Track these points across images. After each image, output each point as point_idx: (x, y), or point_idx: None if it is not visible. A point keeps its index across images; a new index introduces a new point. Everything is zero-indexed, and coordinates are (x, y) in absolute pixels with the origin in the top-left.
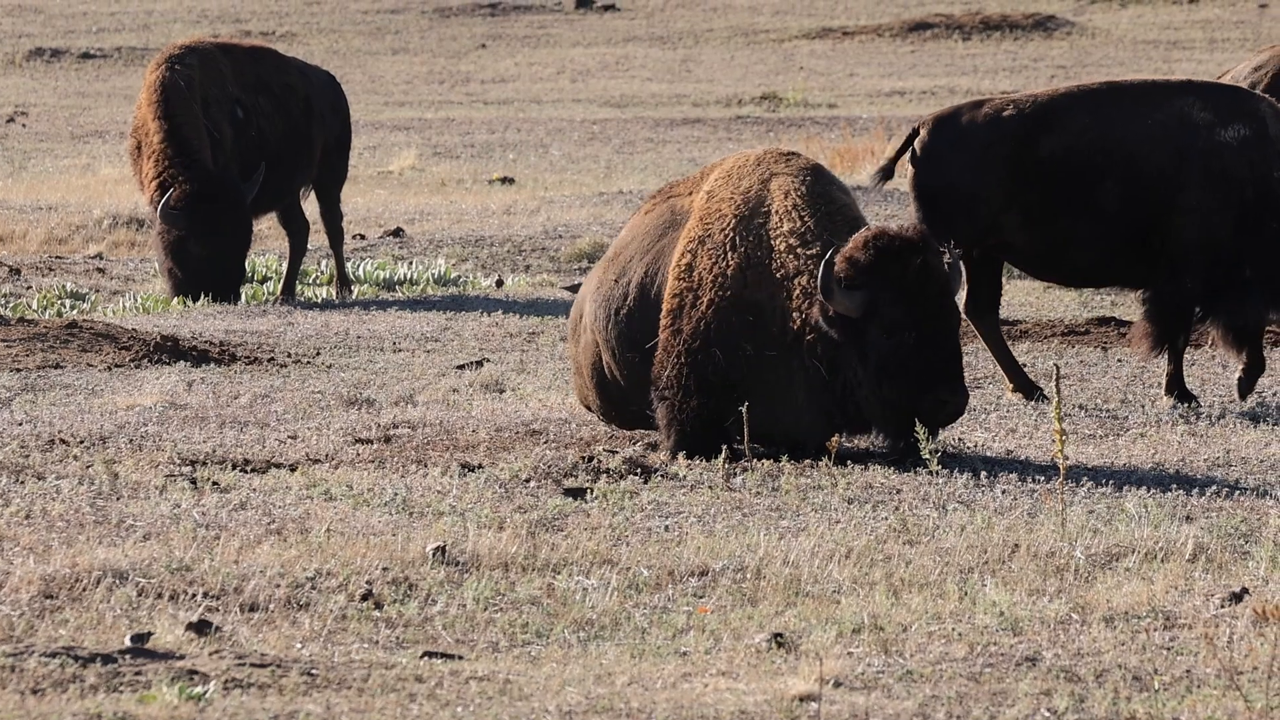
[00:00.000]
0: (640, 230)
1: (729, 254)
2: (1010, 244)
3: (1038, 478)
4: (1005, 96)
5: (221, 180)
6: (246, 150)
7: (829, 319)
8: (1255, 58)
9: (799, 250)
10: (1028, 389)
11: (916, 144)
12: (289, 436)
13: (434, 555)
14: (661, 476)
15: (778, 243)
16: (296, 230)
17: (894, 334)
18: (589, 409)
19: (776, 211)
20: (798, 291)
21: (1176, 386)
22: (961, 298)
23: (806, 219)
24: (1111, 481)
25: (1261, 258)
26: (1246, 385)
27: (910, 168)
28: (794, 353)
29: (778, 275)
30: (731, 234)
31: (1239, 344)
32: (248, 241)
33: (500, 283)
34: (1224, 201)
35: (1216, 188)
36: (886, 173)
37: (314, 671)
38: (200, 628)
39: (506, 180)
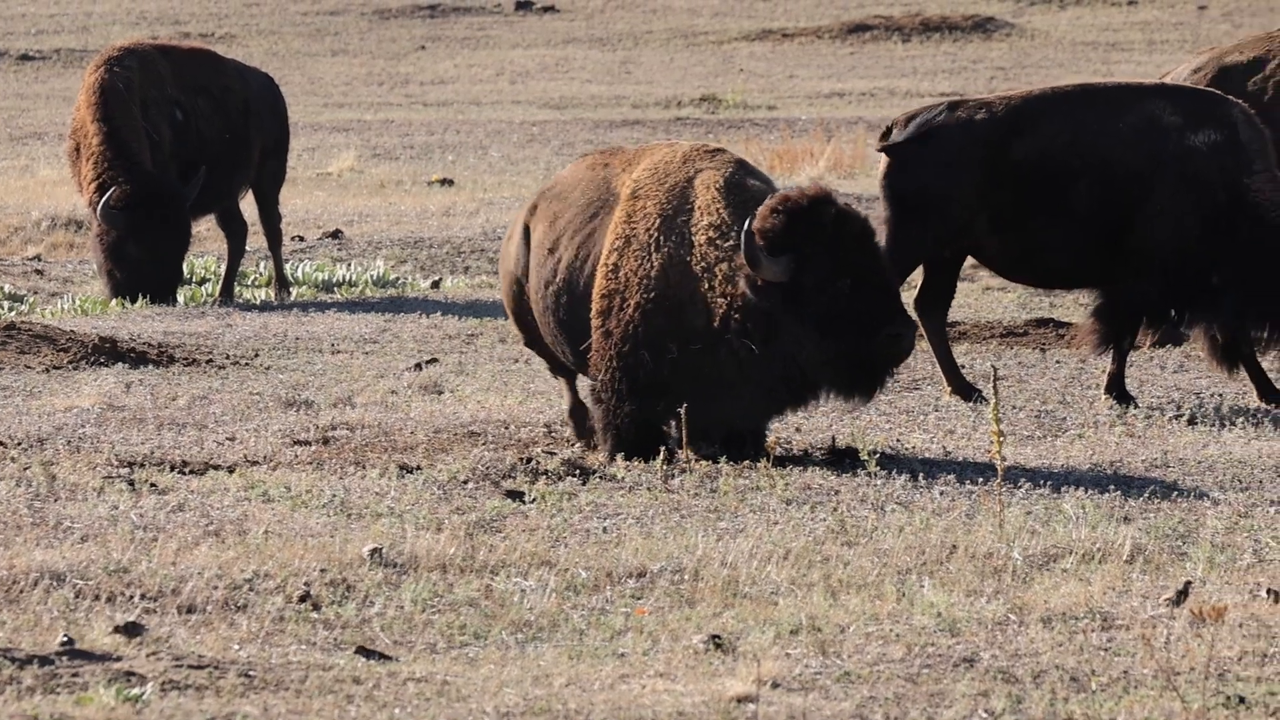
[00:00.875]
0: (578, 198)
1: (653, 255)
2: (982, 246)
3: (975, 479)
4: (979, 98)
5: (161, 182)
6: (185, 152)
7: (759, 290)
8: (1194, 60)
9: (718, 242)
10: (965, 390)
11: (891, 146)
12: (227, 438)
13: (371, 557)
14: (600, 478)
15: (698, 237)
16: (235, 231)
17: (828, 286)
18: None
19: (699, 208)
20: (719, 279)
21: (1117, 387)
22: (911, 296)
23: (723, 212)
24: (1049, 482)
25: (1230, 264)
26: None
27: (882, 168)
28: (722, 341)
29: (698, 269)
30: (656, 234)
31: (1226, 361)
32: (186, 243)
33: (437, 284)
34: (1193, 206)
35: (1186, 192)
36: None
37: (251, 673)
38: (135, 629)
39: (446, 182)
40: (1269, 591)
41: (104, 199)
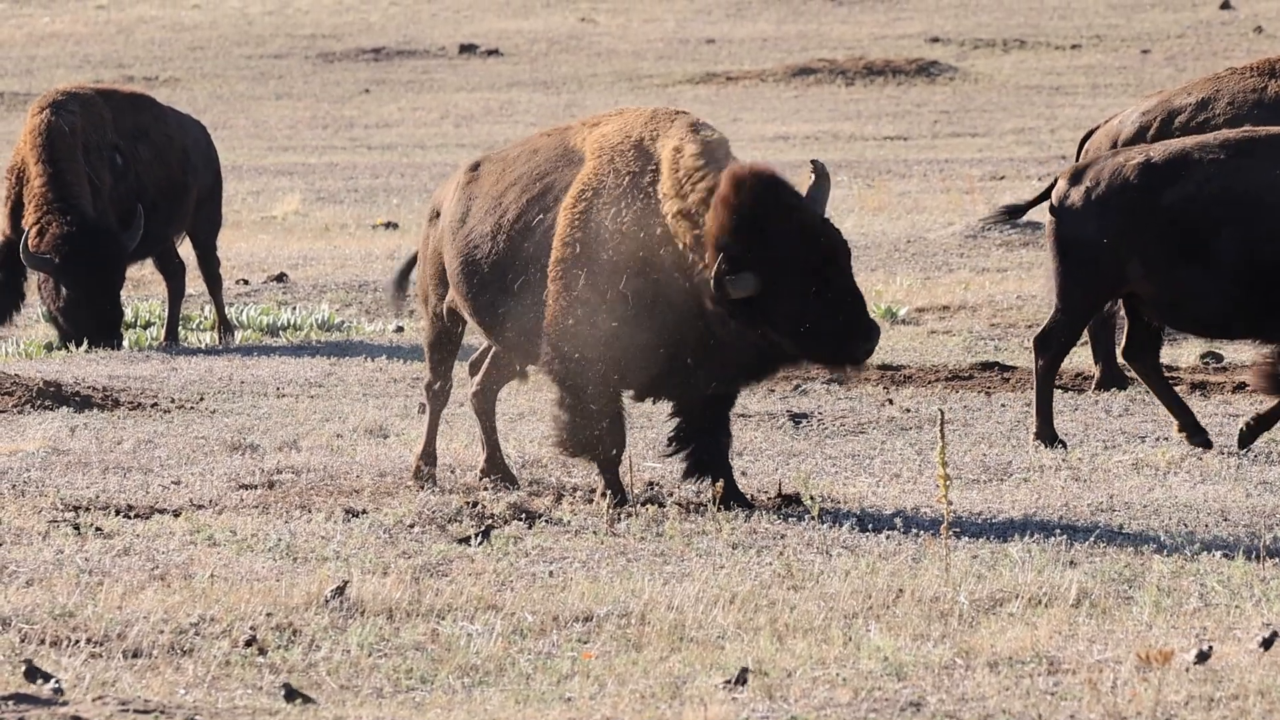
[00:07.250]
0: (529, 157)
1: (624, 209)
2: (1138, 293)
3: (922, 523)
4: (1143, 146)
5: (99, 225)
6: (124, 197)
7: (729, 304)
8: (1143, 103)
9: (686, 187)
10: (1194, 429)
11: (1054, 195)
12: (172, 482)
13: (334, 595)
14: (546, 521)
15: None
16: (173, 273)
17: (796, 298)
18: (425, 300)
19: (671, 160)
20: (689, 240)
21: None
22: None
23: (697, 160)
24: (995, 527)
25: None
26: None
27: (1050, 218)
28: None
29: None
30: (624, 190)
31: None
32: (118, 284)
33: (400, 329)
34: None
35: None
36: (1014, 211)
37: (197, 717)
38: (80, 677)
39: (390, 225)
40: (1198, 649)
41: (23, 241)
